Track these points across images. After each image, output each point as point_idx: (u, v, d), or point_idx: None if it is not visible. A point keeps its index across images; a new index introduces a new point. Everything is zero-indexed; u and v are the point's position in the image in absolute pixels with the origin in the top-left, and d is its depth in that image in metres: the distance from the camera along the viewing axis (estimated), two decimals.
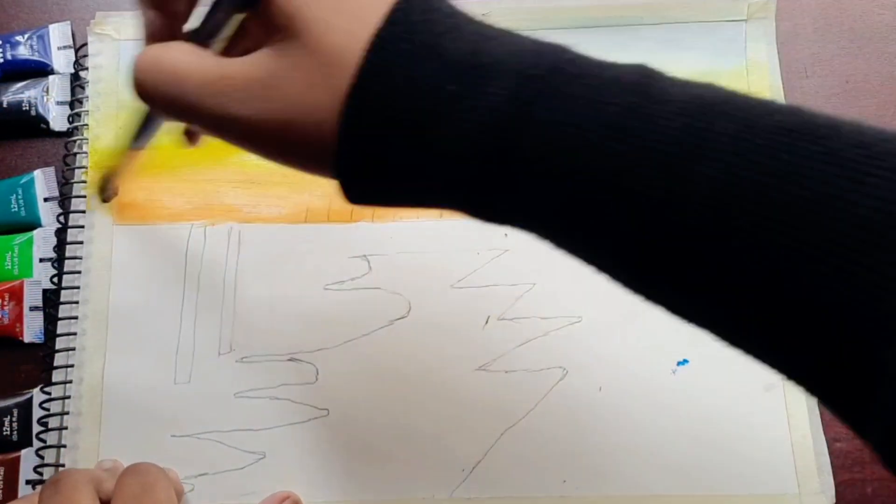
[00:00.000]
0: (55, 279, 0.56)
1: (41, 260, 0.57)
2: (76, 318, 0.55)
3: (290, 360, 0.54)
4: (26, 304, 0.56)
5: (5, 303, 0.55)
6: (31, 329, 0.56)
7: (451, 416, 0.53)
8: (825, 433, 0.52)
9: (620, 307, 0.54)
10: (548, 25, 0.59)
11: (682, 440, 0.52)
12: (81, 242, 0.56)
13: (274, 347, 0.55)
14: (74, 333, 0.55)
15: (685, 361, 0.54)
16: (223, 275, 0.56)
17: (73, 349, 0.55)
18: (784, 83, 0.59)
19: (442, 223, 0.57)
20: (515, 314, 0.55)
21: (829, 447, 0.52)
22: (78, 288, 0.56)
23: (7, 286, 0.56)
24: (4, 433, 0.54)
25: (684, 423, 0.53)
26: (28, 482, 0.53)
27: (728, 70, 0.59)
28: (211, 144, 0.57)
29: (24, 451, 0.54)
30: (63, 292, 0.56)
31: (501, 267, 0.56)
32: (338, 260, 0.56)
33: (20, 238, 0.57)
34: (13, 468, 0.53)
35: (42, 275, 0.57)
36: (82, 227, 0.57)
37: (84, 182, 0.57)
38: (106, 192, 0.52)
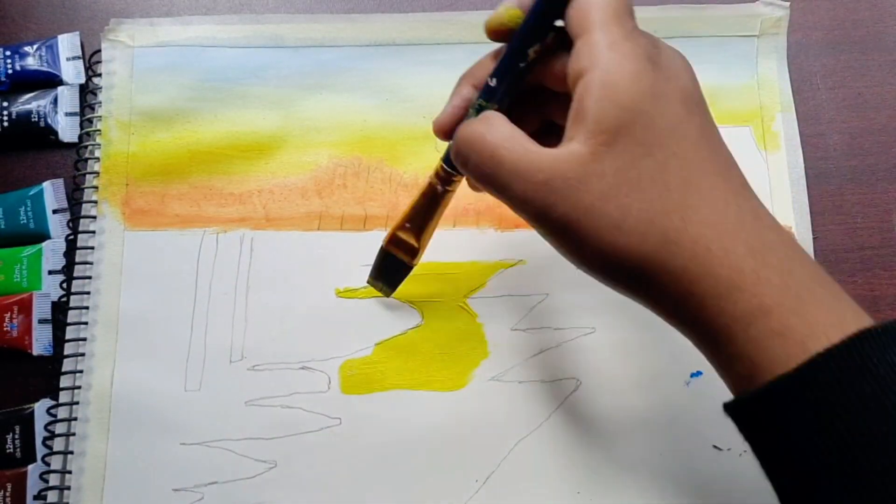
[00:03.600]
0: (64, 285, 0.55)
1: (50, 272, 0.56)
2: (85, 323, 0.55)
3: (302, 368, 0.54)
4: (35, 317, 0.55)
5: (14, 315, 0.55)
6: (40, 342, 0.55)
7: (465, 427, 0.53)
8: None
9: (634, 318, 0.54)
10: None
11: (696, 451, 0.52)
12: (91, 248, 0.56)
13: (286, 355, 0.54)
14: (83, 339, 0.54)
15: (699, 373, 0.53)
16: (235, 282, 0.55)
17: (83, 355, 0.54)
18: (795, 96, 0.59)
19: (456, 232, 0.56)
20: (529, 324, 0.55)
21: None
22: (88, 294, 0.55)
23: (16, 299, 0.55)
24: (7, 449, 0.53)
25: (698, 435, 0.52)
26: (35, 498, 0.52)
27: (739, 84, 0.59)
28: (220, 150, 0.57)
29: (30, 467, 0.53)
30: (72, 298, 0.55)
31: (516, 277, 0.56)
32: (351, 268, 0.55)
33: (29, 250, 0.56)
34: (20, 484, 0.52)
35: (51, 287, 0.56)
36: (93, 232, 0.56)
37: (95, 188, 0.57)
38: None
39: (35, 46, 0.60)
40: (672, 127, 0.34)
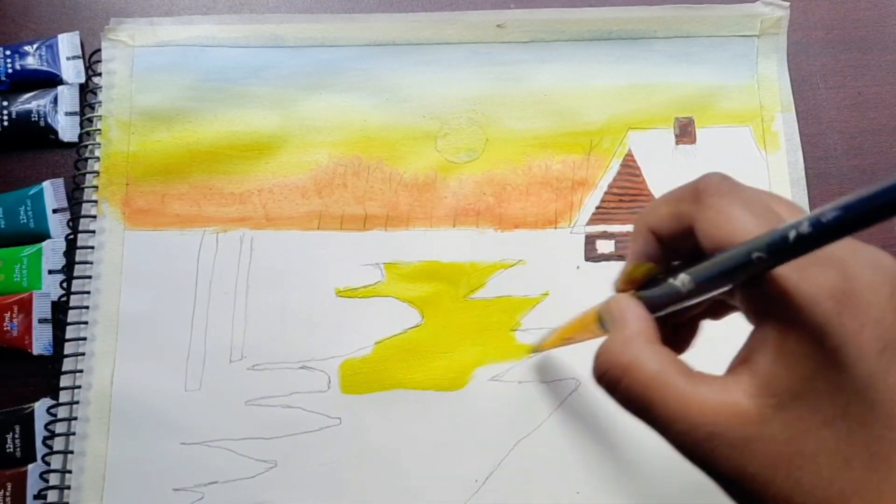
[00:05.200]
0: (64, 285, 0.55)
1: (50, 272, 0.56)
2: (85, 323, 0.55)
3: (301, 367, 0.54)
4: (35, 317, 0.55)
5: (14, 315, 0.55)
6: (40, 341, 0.55)
7: (464, 426, 0.53)
8: None
9: None
10: (561, 37, 0.59)
11: None
12: (91, 248, 0.56)
13: (286, 355, 0.54)
14: (84, 339, 0.54)
15: None
16: (235, 281, 0.55)
17: (83, 354, 0.54)
18: (796, 95, 0.59)
19: (456, 232, 0.56)
20: (529, 324, 0.55)
21: None
22: (88, 293, 0.55)
23: (16, 298, 0.55)
24: (7, 449, 0.53)
25: None
26: (35, 497, 0.52)
27: (739, 84, 0.59)
28: (220, 149, 0.57)
29: (30, 466, 0.53)
30: (72, 298, 0.55)
31: (516, 277, 0.56)
32: (350, 267, 0.56)
33: (29, 250, 0.56)
34: (20, 483, 0.52)
35: (51, 287, 0.56)
36: (93, 232, 0.56)
37: (95, 188, 0.57)
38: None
39: (35, 46, 0.60)
40: (862, 391, 0.28)
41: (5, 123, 0.58)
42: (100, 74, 0.59)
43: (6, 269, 0.56)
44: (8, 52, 0.60)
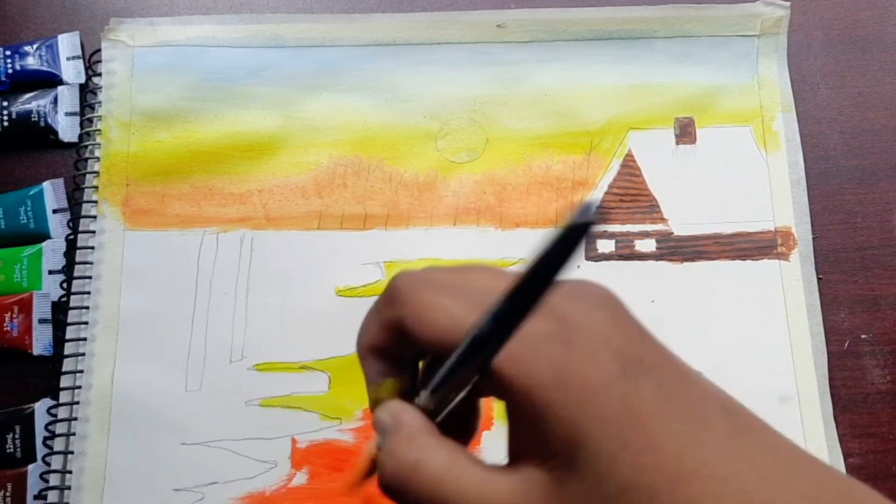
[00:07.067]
0: (65, 285, 0.55)
1: (50, 272, 0.56)
2: (86, 323, 0.55)
3: (302, 367, 0.54)
4: (35, 317, 0.55)
5: (14, 315, 0.55)
6: (40, 342, 0.55)
7: None
8: (841, 448, 0.52)
9: (638, 313, 0.54)
10: (562, 37, 0.59)
11: None
12: (92, 248, 0.56)
13: (286, 355, 0.54)
14: (84, 339, 0.54)
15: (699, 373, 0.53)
16: (235, 281, 0.55)
17: (83, 355, 0.54)
18: (796, 95, 0.59)
19: (455, 230, 0.56)
20: None
21: (843, 463, 0.52)
22: (88, 293, 0.55)
23: (16, 298, 0.55)
24: (8, 449, 0.53)
25: None
26: (36, 497, 0.52)
27: (739, 84, 0.59)
28: (220, 150, 0.57)
29: (31, 467, 0.53)
30: (73, 298, 0.55)
31: None
32: (350, 267, 0.56)
33: (29, 250, 0.56)
34: (20, 484, 0.52)
35: (51, 287, 0.56)
36: (93, 232, 0.56)
37: (95, 188, 0.57)
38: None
39: (35, 46, 0.60)
40: (623, 413, 0.27)
41: (5, 124, 0.58)
42: (100, 74, 0.59)
43: (6, 269, 0.56)
44: (8, 53, 0.60)
